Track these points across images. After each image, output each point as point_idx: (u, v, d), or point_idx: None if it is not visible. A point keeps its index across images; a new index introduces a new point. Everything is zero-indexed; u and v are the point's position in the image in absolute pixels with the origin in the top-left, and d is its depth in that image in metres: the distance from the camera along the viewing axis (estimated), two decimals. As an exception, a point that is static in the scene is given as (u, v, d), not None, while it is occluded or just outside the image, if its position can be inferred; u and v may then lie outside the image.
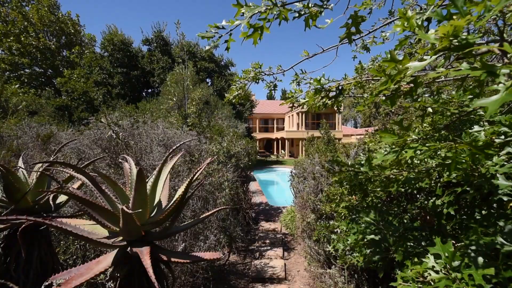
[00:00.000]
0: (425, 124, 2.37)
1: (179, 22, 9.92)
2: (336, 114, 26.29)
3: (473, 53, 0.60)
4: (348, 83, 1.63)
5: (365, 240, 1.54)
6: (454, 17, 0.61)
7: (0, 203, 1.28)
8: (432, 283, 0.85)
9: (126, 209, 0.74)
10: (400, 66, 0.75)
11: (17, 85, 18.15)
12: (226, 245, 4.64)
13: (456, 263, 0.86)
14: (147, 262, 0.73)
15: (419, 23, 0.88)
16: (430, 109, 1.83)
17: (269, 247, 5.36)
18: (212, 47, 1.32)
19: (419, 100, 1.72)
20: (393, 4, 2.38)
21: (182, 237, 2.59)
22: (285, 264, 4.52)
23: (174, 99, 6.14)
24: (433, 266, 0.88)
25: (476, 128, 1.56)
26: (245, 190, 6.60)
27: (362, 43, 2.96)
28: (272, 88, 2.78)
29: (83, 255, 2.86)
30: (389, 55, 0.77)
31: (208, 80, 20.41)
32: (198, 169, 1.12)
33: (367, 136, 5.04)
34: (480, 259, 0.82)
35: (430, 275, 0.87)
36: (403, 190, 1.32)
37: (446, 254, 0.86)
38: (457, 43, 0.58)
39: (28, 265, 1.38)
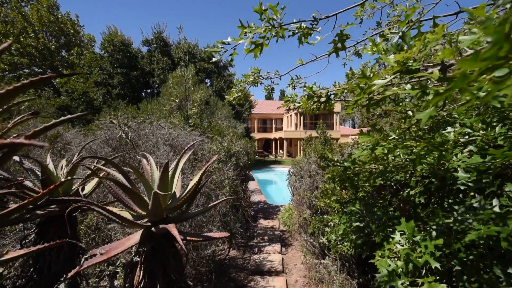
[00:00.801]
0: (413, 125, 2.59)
1: (181, 27, 10.15)
2: (334, 115, 26.51)
3: (418, 76, 0.81)
4: (337, 89, 1.85)
5: (352, 227, 1.76)
6: (405, 48, 0.82)
7: (36, 194, 1.49)
8: (398, 254, 1.06)
9: (158, 191, 0.94)
10: (370, 82, 0.96)
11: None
12: (226, 241, 4.84)
13: (417, 238, 1.08)
14: (175, 232, 0.94)
15: (391, 44, 1.10)
16: (410, 113, 2.06)
17: (267, 243, 5.55)
18: (218, 59, 1.53)
19: (400, 104, 1.94)
20: (381, 15, 2.60)
21: (187, 229, 2.79)
22: (282, 258, 4.71)
23: (177, 100, 6.36)
24: (399, 240, 1.10)
25: (448, 129, 1.79)
26: (244, 189, 6.80)
27: (354, 49, 3.18)
28: (270, 91, 2.99)
29: (95, 247, 3.09)
30: (361, 73, 0.99)
31: (207, 80, 20.60)
32: (209, 163, 1.33)
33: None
34: (434, 233, 1.03)
35: (396, 247, 1.08)
36: (382, 182, 1.54)
37: (409, 231, 1.08)
38: (406, 68, 0.80)
39: (59, 248, 1.59)
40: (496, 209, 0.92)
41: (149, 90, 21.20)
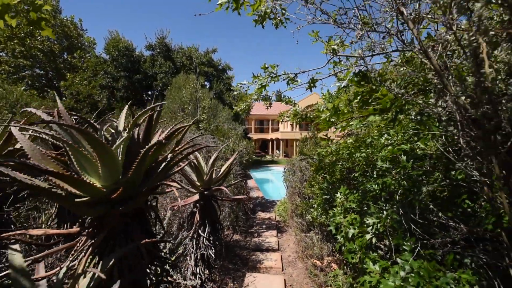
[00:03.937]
0: (376, 131, 3.56)
1: (193, 46, 11.08)
2: (328, 117, 27.43)
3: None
4: (313, 109, 2.81)
5: (323, 198, 2.72)
6: (321, 114, 1.77)
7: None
8: (339, 204, 2.01)
9: (214, 168, 1.85)
10: (320, 114, 1.93)
11: (23, 87, 18.88)
12: (231, 227, 5.79)
13: (348, 195, 2.03)
14: (225, 189, 1.85)
15: (335, 89, 2.07)
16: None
17: (265, 230, 6.50)
18: (238, 92, 2.48)
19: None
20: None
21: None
22: (278, 241, 5.66)
23: (189, 107, 7.31)
24: (339, 197, 2.05)
25: (384, 136, 2.76)
26: (244, 185, 7.75)
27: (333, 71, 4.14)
28: (268, 106, 3.94)
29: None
30: (316, 108, 1.95)
31: (206, 83, 21.48)
32: (235, 155, 2.26)
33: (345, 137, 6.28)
34: (354, 191, 1.98)
35: (337, 200, 2.03)
36: (339, 169, 2.49)
37: (344, 192, 2.03)
38: (335, 111, 1.74)
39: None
40: (375, 175, 1.89)
41: (149, 92, 21.97)
